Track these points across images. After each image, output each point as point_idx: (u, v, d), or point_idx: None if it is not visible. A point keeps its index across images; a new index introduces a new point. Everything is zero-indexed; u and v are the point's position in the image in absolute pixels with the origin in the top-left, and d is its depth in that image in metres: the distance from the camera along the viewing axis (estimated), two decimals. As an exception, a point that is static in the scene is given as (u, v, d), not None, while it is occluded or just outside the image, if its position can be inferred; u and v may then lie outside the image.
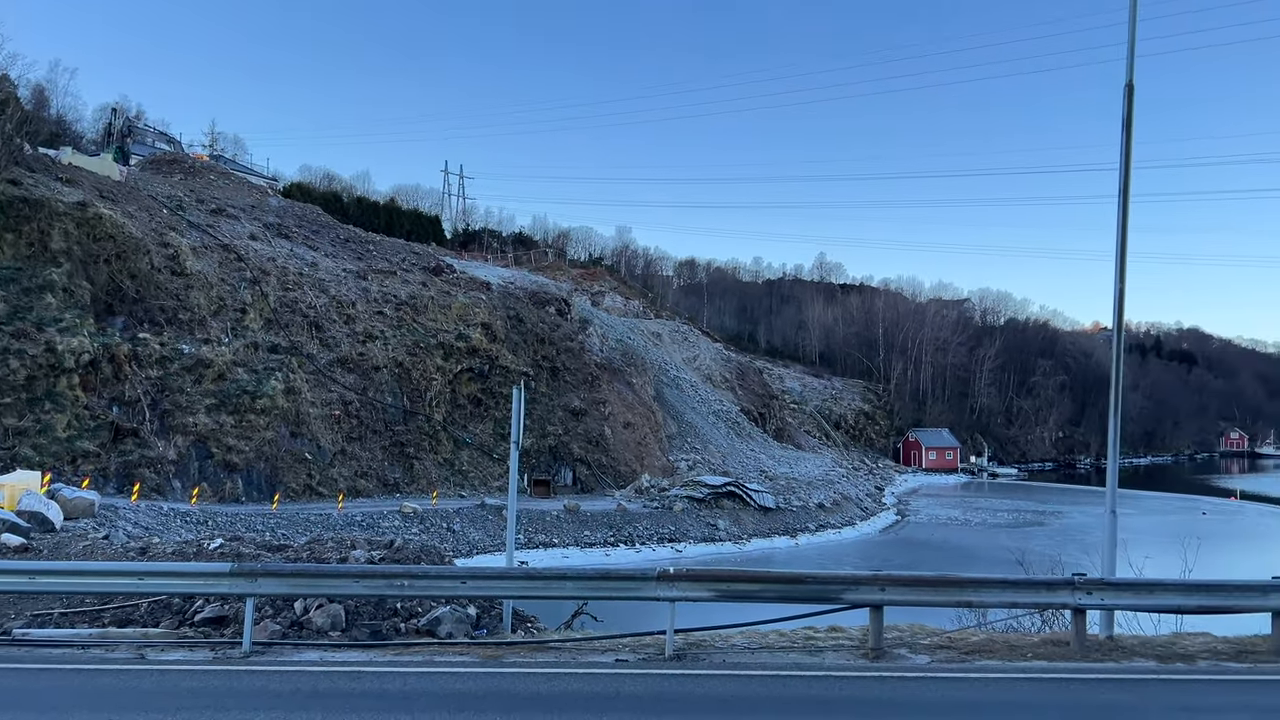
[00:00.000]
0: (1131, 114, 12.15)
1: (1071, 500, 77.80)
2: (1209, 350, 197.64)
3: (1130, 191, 12.32)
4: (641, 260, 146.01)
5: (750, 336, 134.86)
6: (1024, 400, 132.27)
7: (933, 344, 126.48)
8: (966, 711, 8.64)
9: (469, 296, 61.28)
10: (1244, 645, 11.84)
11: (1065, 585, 11.39)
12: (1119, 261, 12.50)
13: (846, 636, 12.08)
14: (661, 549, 47.49)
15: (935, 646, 11.64)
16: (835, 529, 59.19)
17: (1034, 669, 10.55)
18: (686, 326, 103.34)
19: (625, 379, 68.75)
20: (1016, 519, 66.86)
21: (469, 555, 40.44)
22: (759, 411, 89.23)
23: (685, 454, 67.06)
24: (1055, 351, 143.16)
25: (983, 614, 15.05)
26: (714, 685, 9.71)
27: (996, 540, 51.50)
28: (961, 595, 11.64)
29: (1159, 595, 11.73)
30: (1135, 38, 11.99)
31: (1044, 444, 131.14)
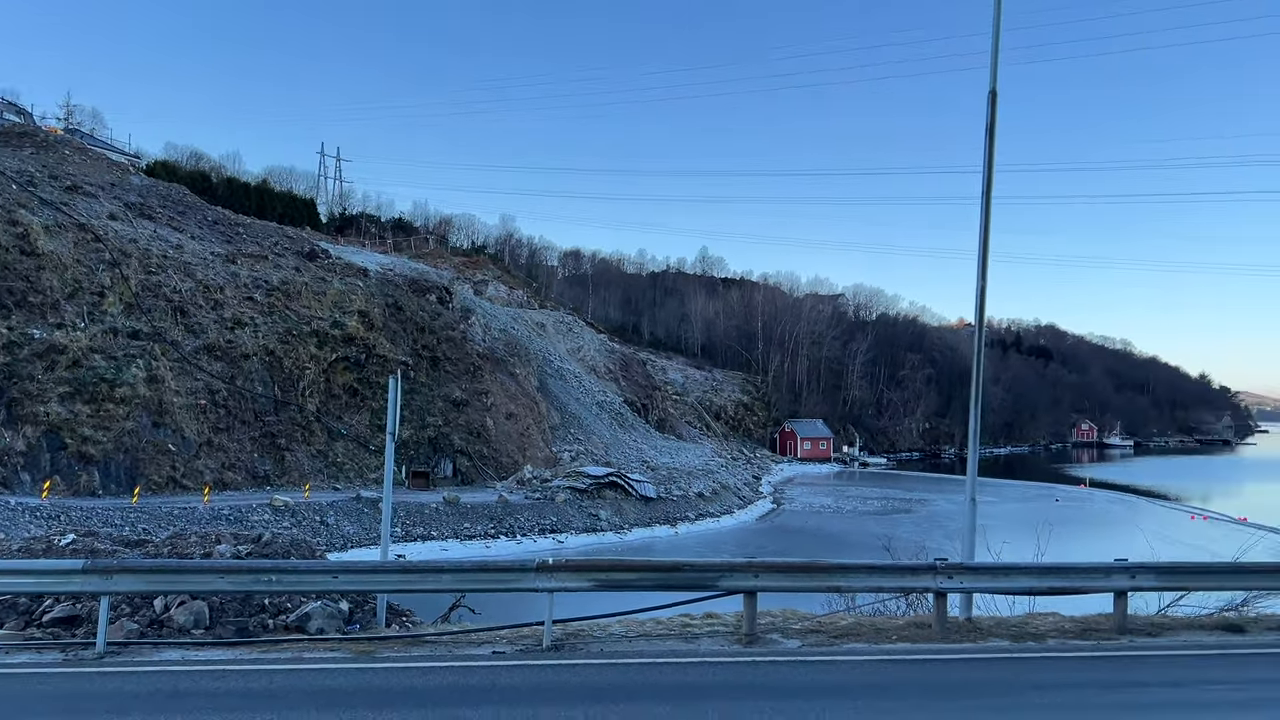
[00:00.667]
0: (994, 120, 12.74)
1: (937, 488, 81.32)
2: (1064, 346, 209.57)
3: (993, 194, 12.92)
4: (526, 250, 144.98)
5: (634, 328, 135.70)
6: (893, 392, 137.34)
7: (809, 337, 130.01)
8: (834, 694, 8.93)
9: (345, 283, 59.60)
10: (1089, 624, 12.61)
11: (928, 570, 11.90)
12: (981, 260, 13.10)
13: (722, 623, 12.31)
14: (543, 540, 47.37)
15: (806, 631, 11.99)
16: (714, 517, 60.24)
17: (898, 651, 10.99)
18: (571, 317, 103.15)
19: (508, 369, 68.17)
20: (885, 506, 69.43)
21: (343, 549, 39.44)
22: (642, 402, 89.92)
23: (568, 445, 67.02)
24: (923, 346, 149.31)
25: (851, 598, 15.59)
26: (591, 674, 9.75)
27: (866, 527, 53.39)
28: (831, 581, 12.02)
29: (1014, 578, 12.37)
30: (999, 47, 12.58)
31: (912, 434, 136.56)
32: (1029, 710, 8.42)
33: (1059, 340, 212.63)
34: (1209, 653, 11.32)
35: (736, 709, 8.32)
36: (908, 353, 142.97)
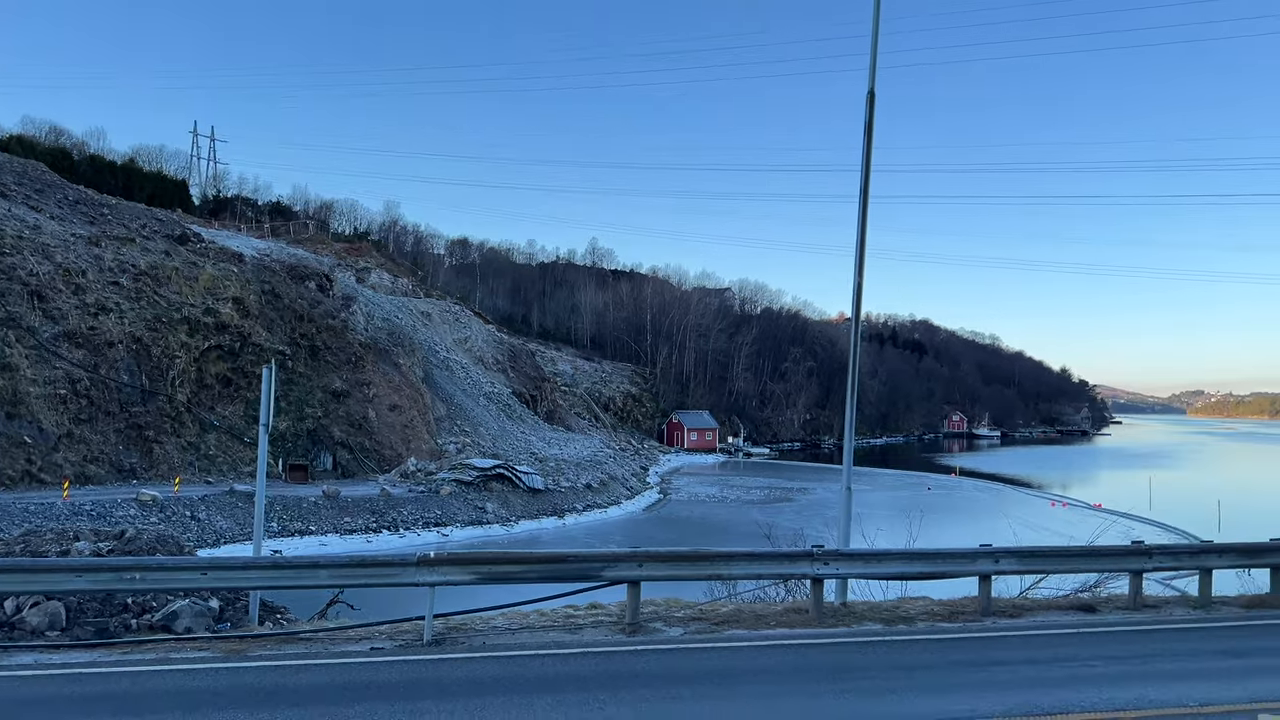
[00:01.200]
0: (872, 120, 13.15)
1: (817, 477, 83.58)
2: (937, 341, 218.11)
3: (870, 192, 13.35)
4: (411, 237, 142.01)
5: (523, 319, 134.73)
6: (777, 384, 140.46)
7: (696, 330, 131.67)
8: (715, 680, 9.09)
9: (219, 268, 57.20)
10: (956, 606, 13.18)
11: (805, 557, 12.23)
12: (858, 257, 13.52)
13: (606, 613, 12.37)
14: (427, 533, 46.59)
15: (689, 619, 12.17)
16: (602, 508, 60.42)
17: (777, 636, 11.26)
18: (458, 307, 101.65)
19: (392, 359, 66.70)
20: (768, 495, 70.99)
21: (215, 545, 37.92)
22: (531, 394, 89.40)
23: (454, 437, 66.06)
24: (805, 339, 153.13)
25: (733, 586, 15.89)
26: (472, 668, 9.66)
27: (749, 516, 54.46)
28: (713, 569, 12.22)
29: (887, 564, 12.84)
30: (877, 49, 12.98)
31: (793, 425, 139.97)
32: (898, 691, 8.75)
33: (932, 335, 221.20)
34: (1065, 631, 11.98)
35: (619, 698, 8.38)
36: (790, 346, 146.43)
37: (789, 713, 7.93)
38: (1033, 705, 8.19)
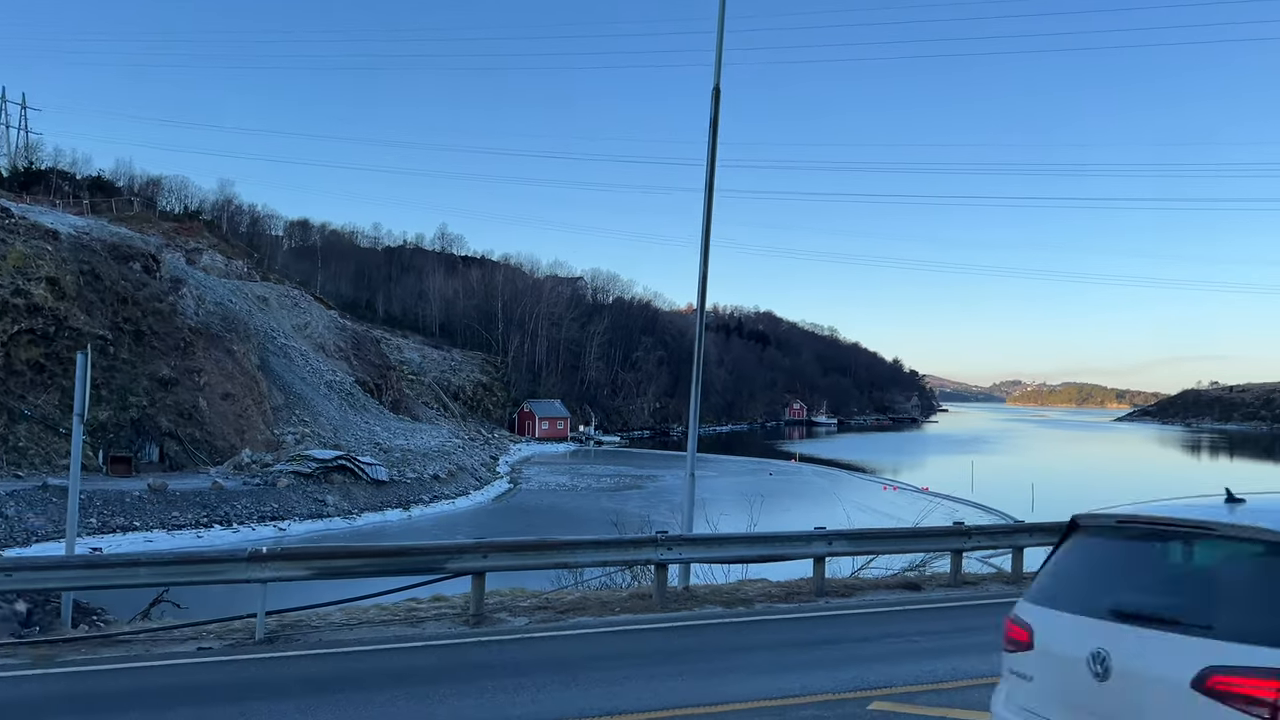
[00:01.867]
0: (717, 115, 13.43)
1: (665, 465, 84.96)
2: (779, 332, 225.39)
3: (715, 186, 13.64)
4: (247, 218, 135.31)
5: (368, 305, 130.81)
6: (628, 373, 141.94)
7: (548, 319, 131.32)
8: (559, 667, 9.11)
9: (31, 246, 52.90)
10: (792, 588, 13.70)
11: (650, 543, 12.43)
12: (703, 248, 13.80)
13: (449, 605, 12.21)
14: (263, 528, 44.68)
15: (534, 608, 12.16)
16: (450, 499, 59.50)
17: (620, 622, 11.40)
18: (298, 291, 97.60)
19: (225, 346, 63.46)
20: (618, 483, 71.71)
21: (26, 544, 35.21)
22: (375, 382, 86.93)
23: (293, 427, 63.52)
24: (655, 329, 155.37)
25: (580, 574, 15.98)
26: (306, 666, 9.34)
27: (599, 504, 54.91)
28: (560, 558, 12.26)
29: (728, 548, 13.22)
30: (723, 47, 13.26)
31: (644, 413, 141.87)
32: (735, 671, 9.02)
33: (775, 326, 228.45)
34: (892, 609, 12.64)
35: (461, 690, 8.29)
36: (642, 335, 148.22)
37: (628, 697, 8.04)
38: (860, 680, 8.60)
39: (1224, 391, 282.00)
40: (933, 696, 8.08)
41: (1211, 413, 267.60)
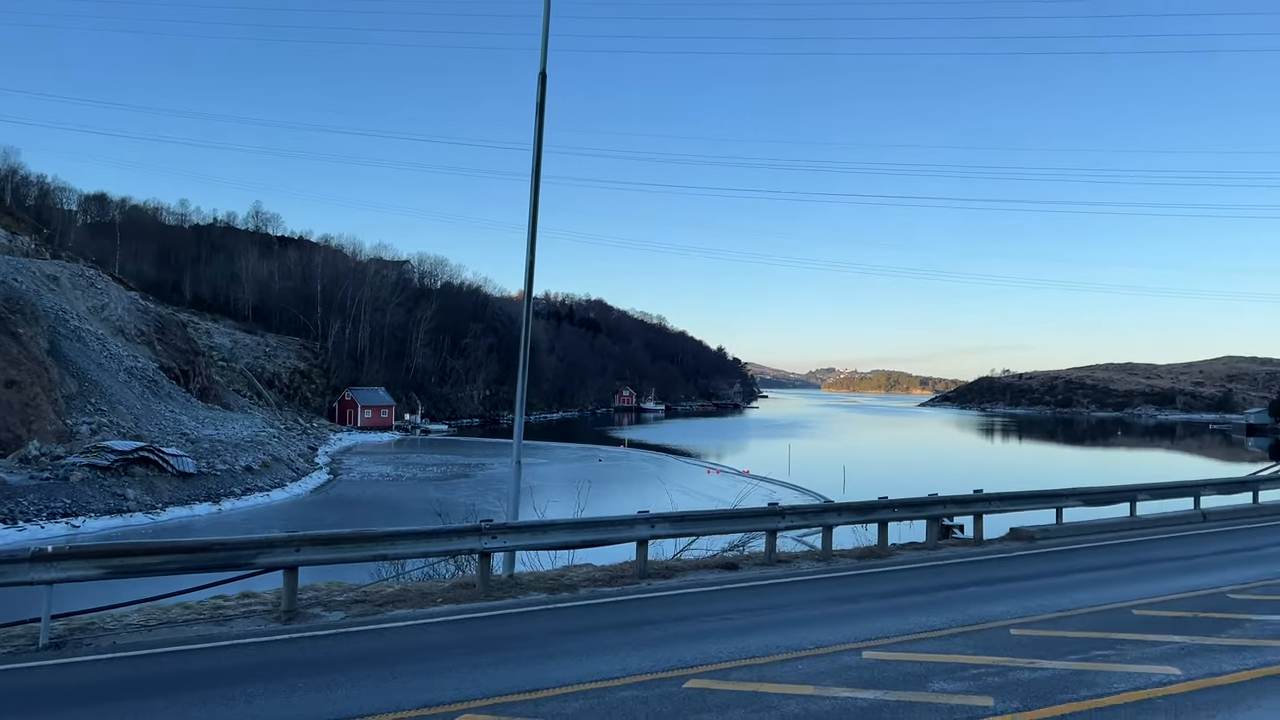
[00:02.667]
0: (544, 100, 13.36)
1: (495, 453, 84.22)
2: (610, 320, 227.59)
3: (541, 171, 13.58)
4: (35, 189, 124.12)
5: (175, 286, 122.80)
6: (457, 360, 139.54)
7: (372, 303, 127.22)
8: (375, 661, 8.89)
9: None
10: (616, 571, 13.88)
11: (473, 532, 12.29)
12: (530, 234, 13.72)
13: (259, 601, 11.68)
14: (54, 526, 41.29)
15: (350, 602, 11.79)
16: (264, 491, 56.82)
17: (442, 613, 11.23)
18: (94, 271, 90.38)
19: (9, 329, 57.99)
20: (445, 473, 70.47)
21: None
22: (182, 369, 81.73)
23: (88, 417, 58.84)
24: (485, 315, 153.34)
25: (402, 565, 15.63)
26: (99, 671, 8.71)
27: (424, 494, 53.76)
28: (378, 549, 11.93)
29: (553, 534, 13.24)
30: (549, 32, 13.18)
31: (473, 401, 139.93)
32: (556, 656, 9.06)
33: (606, 314, 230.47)
34: (710, 589, 13.02)
35: (270, 689, 7.95)
36: (471, 322, 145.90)
37: (448, 687, 7.95)
38: (678, 659, 8.83)
39: (1014, 379, 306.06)
40: (746, 672, 8.40)
41: (1004, 398, 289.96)
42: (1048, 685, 7.82)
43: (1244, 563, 14.94)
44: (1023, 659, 8.71)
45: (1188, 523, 20.22)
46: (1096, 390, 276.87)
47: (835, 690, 7.74)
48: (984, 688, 7.75)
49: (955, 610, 11.27)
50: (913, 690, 7.71)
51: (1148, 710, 7.12)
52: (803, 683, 8.00)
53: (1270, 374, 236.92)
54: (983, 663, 8.61)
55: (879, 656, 8.91)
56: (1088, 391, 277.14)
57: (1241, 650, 8.99)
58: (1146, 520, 19.84)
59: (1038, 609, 11.29)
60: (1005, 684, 7.86)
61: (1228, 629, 9.97)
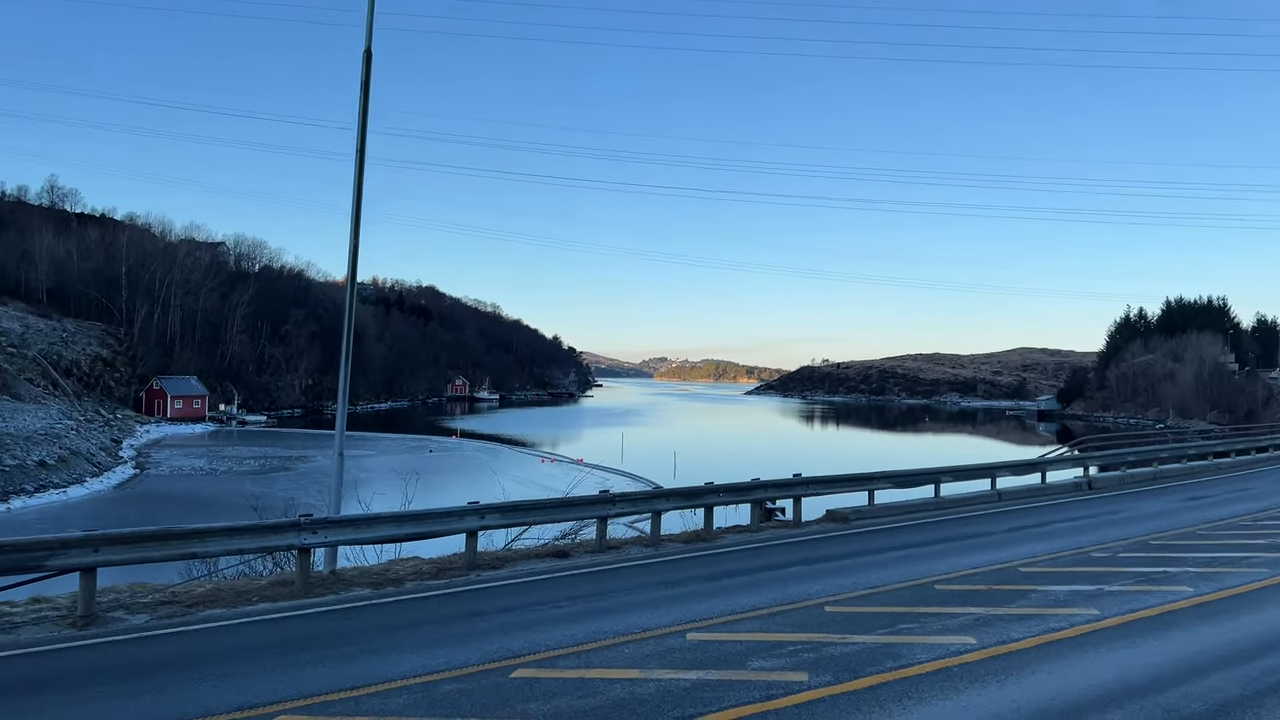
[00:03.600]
0: (369, 79, 12.91)
1: (318, 445, 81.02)
2: (443, 307, 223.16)
3: (366, 153, 13.13)
4: None
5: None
6: (277, 348, 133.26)
7: (183, 287, 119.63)
8: (182, 666, 8.41)
9: None
10: (444, 564, 13.68)
11: (292, 527, 11.81)
12: (354, 217, 13.25)
13: (52, 606, 10.81)
14: None
15: (157, 604, 11.10)
16: (60, 489, 52.58)
17: (258, 612, 10.74)
18: None
19: None
20: (264, 466, 67.26)
21: None
22: (-39, 355, 74.35)
23: None
24: (308, 301, 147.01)
25: (214, 564, 14.84)
26: None
27: (241, 488, 51.07)
28: (188, 547, 11.28)
29: (377, 528, 12.89)
30: (374, 10, 12.75)
31: (295, 391, 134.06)
32: (380, 652, 8.85)
33: (439, 301, 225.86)
34: (540, 578, 13.04)
35: (70, 699, 7.39)
36: (293, 308, 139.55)
37: (263, 689, 7.62)
38: (505, 650, 8.80)
39: (833, 368, 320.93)
40: (574, 659, 8.47)
41: (824, 386, 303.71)
42: (857, 659, 8.27)
43: (1033, 539, 16.27)
44: (835, 635, 9.18)
45: (985, 502, 21.83)
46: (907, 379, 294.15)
47: (660, 673, 7.92)
48: (799, 664, 8.12)
49: (775, 590, 11.75)
50: (733, 669, 7.99)
51: (946, 678, 7.65)
52: (629, 667, 8.14)
53: (1059, 364, 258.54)
54: (799, 640, 9.01)
55: (702, 638, 9.18)
56: (899, 380, 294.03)
57: (1029, 619, 9.78)
58: (949, 500, 21.27)
59: (850, 586, 11.92)
60: (819, 659, 8.26)
61: (1017, 600, 10.82)
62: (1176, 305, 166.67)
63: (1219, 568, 12.67)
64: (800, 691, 7.30)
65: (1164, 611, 10.05)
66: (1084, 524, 18.15)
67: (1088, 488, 25.00)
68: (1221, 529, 16.80)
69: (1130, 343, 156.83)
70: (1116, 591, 11.16)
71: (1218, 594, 10.92)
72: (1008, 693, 7.23)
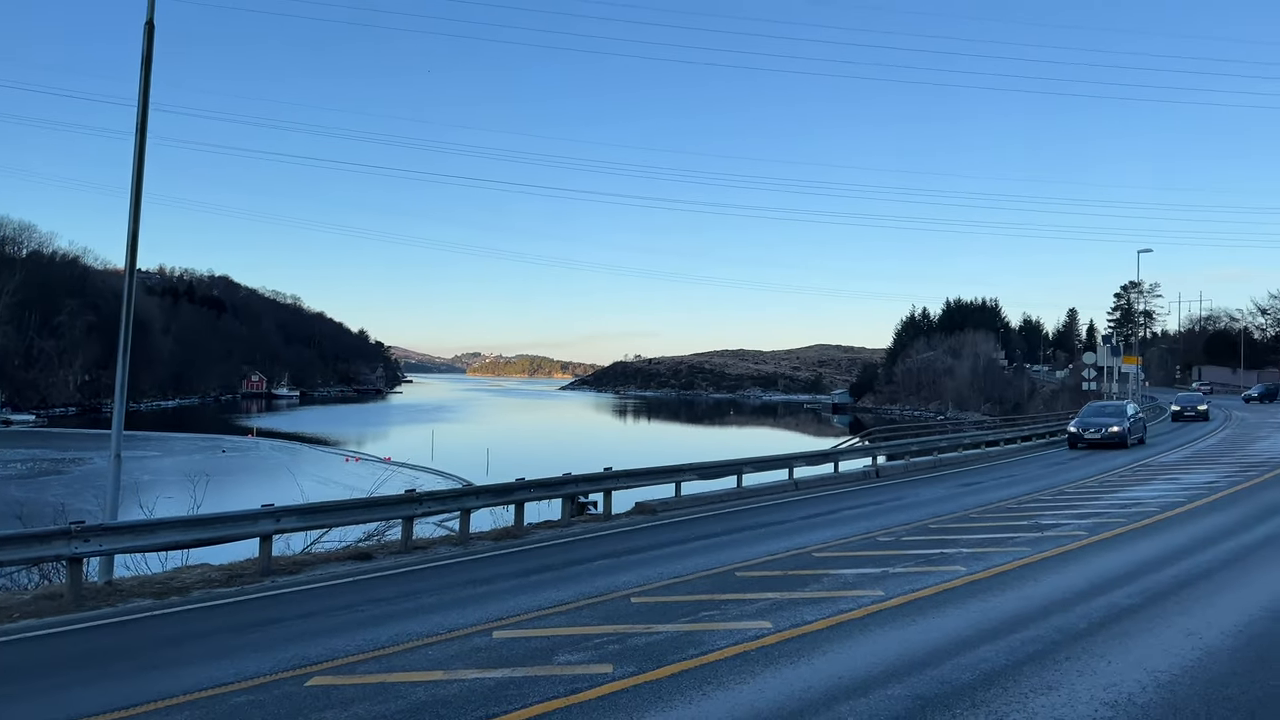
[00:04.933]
0: (150, 53, 11.99)
1: (96, 446, 74.60)
2: (237, 299, 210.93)
3: (148, 130, 12.21)
4: None
5: None
6: (48, 341, 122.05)
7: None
8: (-74, 694, 7.54)
9: None
10: (235, 570, 12.94)
11: (61, 535, 10.85)
12: (134, 199, 12.29)
13: None
14: None
15: (-105, 627, 9.91)
16: None
17: (20, 629, 9.80)
18: None
19: None
20: (32, 469, 61.32)
21: None
22: None
23: None
24: (86, 291, 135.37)
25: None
26: None
27: (4, 494, 46.46)
28: (-67, 563, 10.13)
29: (161, 534, 12.03)
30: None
31: (69, 388, 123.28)
32: (162, 667, 8.27)
33: (233, 292, 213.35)
34: (341, 581, 12.57)
35: None
36: (67, 298, 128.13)
37: (23, 714, 6.95)
38: (301, 658, 8.42)
39: (645, 364, 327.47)
40: (374, 664, 8.21)
41: (636, 381, 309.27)
42: (661, 648, 8.45)
43: (826, 525, 17.17)
44: (640, 625, 9.35)
45: (784, 491, 22.86)
46: (714, 374, 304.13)
47: (464, 672, 7.80)
48: (604, 656, 8.21)
49: (584, 583, 11.83)
50: (539, 665, 7.98)
51: (745, 662, 7.94)
52: (433, 669, 7.97)
53: (852, 360, 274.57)
54: (605, 632, 9.11)
55: (509, 635, 9.12)
56: (707, 375, 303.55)
57: (821, 602, 10.31)
58: (750, 490, 22.15)
59: (657, 577, 12.17)
60: (624, 650, 8.39)
61: (811, 584, 11.39)
62: (955, 306, 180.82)
63: (988, 548, 13.80)
64: (605, 683, 7.38)
65: (941, 590, 10.83)
66: (871, 510, 19.33)
67: (875, 476, 26.65)
68: (991, 512, 18.31)
69: (915, 340, 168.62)
70: (900, 573, 11.94)
71: (986, 572, 11.89)
72: (800, 673, 7.59)
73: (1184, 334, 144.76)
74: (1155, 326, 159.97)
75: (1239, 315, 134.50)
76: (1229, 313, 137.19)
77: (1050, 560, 12.73)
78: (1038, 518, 17.07)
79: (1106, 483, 23.56)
